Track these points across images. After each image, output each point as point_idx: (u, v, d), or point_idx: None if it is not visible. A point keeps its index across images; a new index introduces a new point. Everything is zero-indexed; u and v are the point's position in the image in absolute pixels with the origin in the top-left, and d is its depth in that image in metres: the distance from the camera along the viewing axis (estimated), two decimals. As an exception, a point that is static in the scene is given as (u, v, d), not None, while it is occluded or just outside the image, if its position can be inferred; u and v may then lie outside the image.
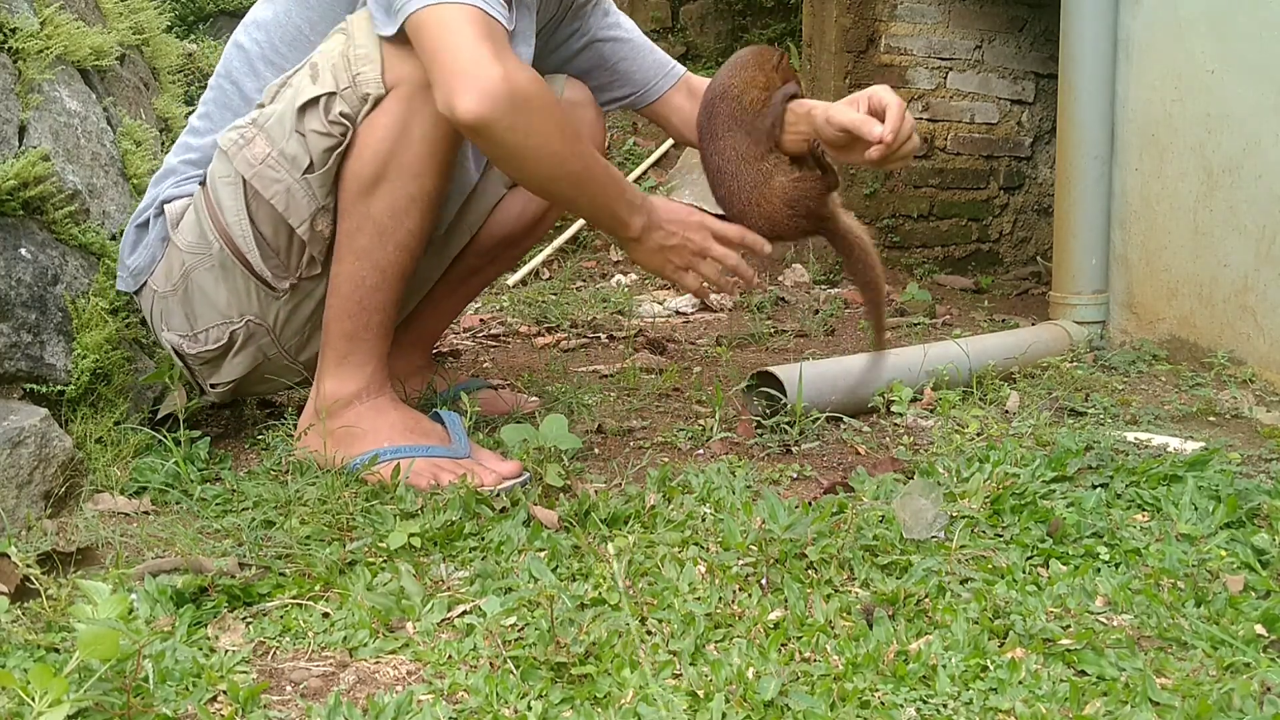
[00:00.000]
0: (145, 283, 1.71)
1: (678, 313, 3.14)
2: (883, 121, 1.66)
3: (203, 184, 1.64)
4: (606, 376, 2.35)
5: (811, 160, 1.73)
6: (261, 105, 1.61)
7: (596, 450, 1.81)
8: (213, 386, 1.75)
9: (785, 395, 1.88)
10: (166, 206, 1.68)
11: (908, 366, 2.18)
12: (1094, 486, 1.57)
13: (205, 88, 1.75)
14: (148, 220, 1.71)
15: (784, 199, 1.70)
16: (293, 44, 1.66)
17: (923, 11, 3.65)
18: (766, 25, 5.11)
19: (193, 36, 4.41)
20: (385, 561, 1.33)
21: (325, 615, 1.21)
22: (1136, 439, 1.84)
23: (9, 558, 1.24)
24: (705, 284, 1.75)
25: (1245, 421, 2.01)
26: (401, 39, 1.51)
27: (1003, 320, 2.96)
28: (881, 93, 1.70)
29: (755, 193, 1.71)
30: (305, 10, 1.66)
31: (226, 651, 1.12)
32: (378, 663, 1.12)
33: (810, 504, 1.47)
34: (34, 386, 1.57)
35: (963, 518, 1.44)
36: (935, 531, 1.37)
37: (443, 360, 2.43)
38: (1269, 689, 1.04)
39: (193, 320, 1.68)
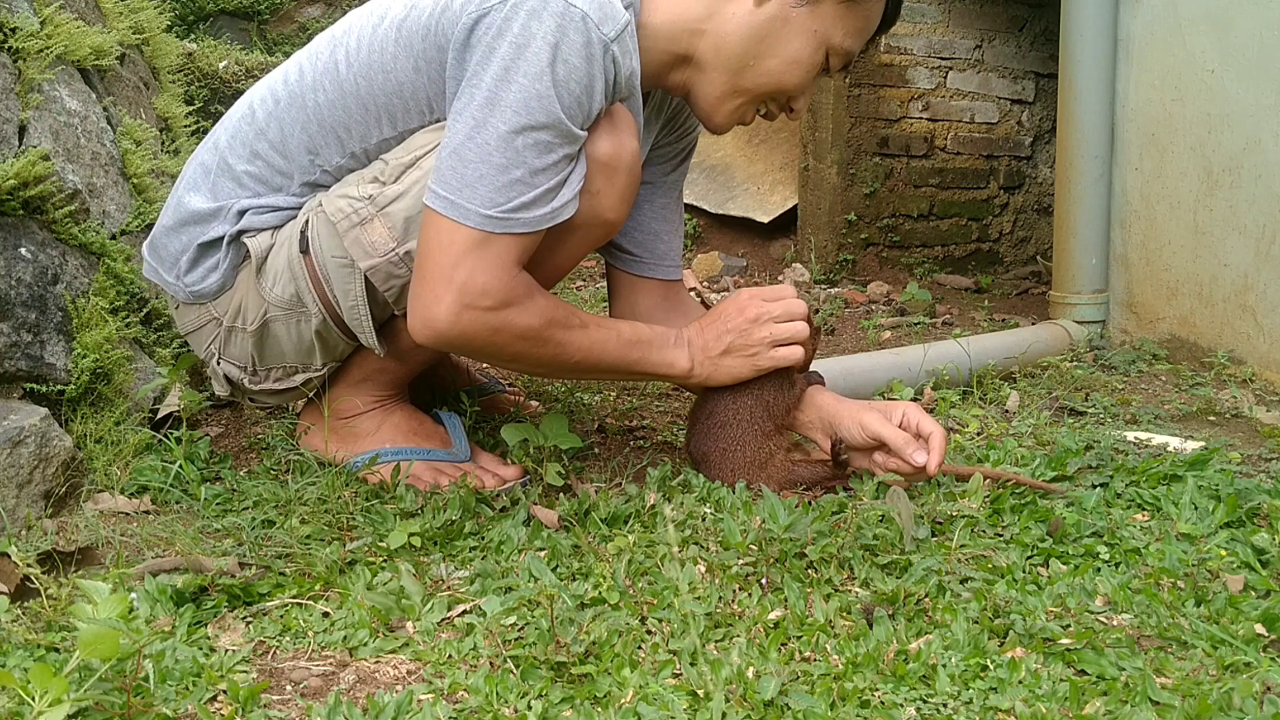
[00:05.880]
0: (204, 302, 1.59)
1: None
2: (920, 443, 1.53)
3: (304, 251, 1.50)
4: (606, 376, 2.35)
5: (831, 460, 1.60)
6: (377, 177, 1.47)
7: (597, 450, 1.81)
8: (251, 400, 1.72)
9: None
10: (248, 241, 1.53)
11: (908, 366, 2.18)
12: (1094, 486, 1.57)
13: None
14: (218, 239, 1.55)
15: (778, 481, 1.58)
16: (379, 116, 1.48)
17: (923, 11, 3.65)
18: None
19: (193, 36, 4.41)
20: (385, 561, 1.33)
21: (325, 615, 1.21)
22: (1136, 438, 1.84)
23: (9, 558, 1.24)
24: (794, 343, 1.57)
25: (1245, 421, 2.01)
26: None
27: (1003, 320, 2.96)
28: (916, 414, 1.56)
29: (750, 470, 1.58)
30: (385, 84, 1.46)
31: (226, 651, 1.12)
32: (378, 662, 1.12)
33: (810, 504, 1.48)
34: (34, 386, 1.57)
35: (963, 517, 1.44)
36: (919, 532, 1.37)
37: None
38: (1269, 688, 1.04)
39: (259, 359, 1.61)
